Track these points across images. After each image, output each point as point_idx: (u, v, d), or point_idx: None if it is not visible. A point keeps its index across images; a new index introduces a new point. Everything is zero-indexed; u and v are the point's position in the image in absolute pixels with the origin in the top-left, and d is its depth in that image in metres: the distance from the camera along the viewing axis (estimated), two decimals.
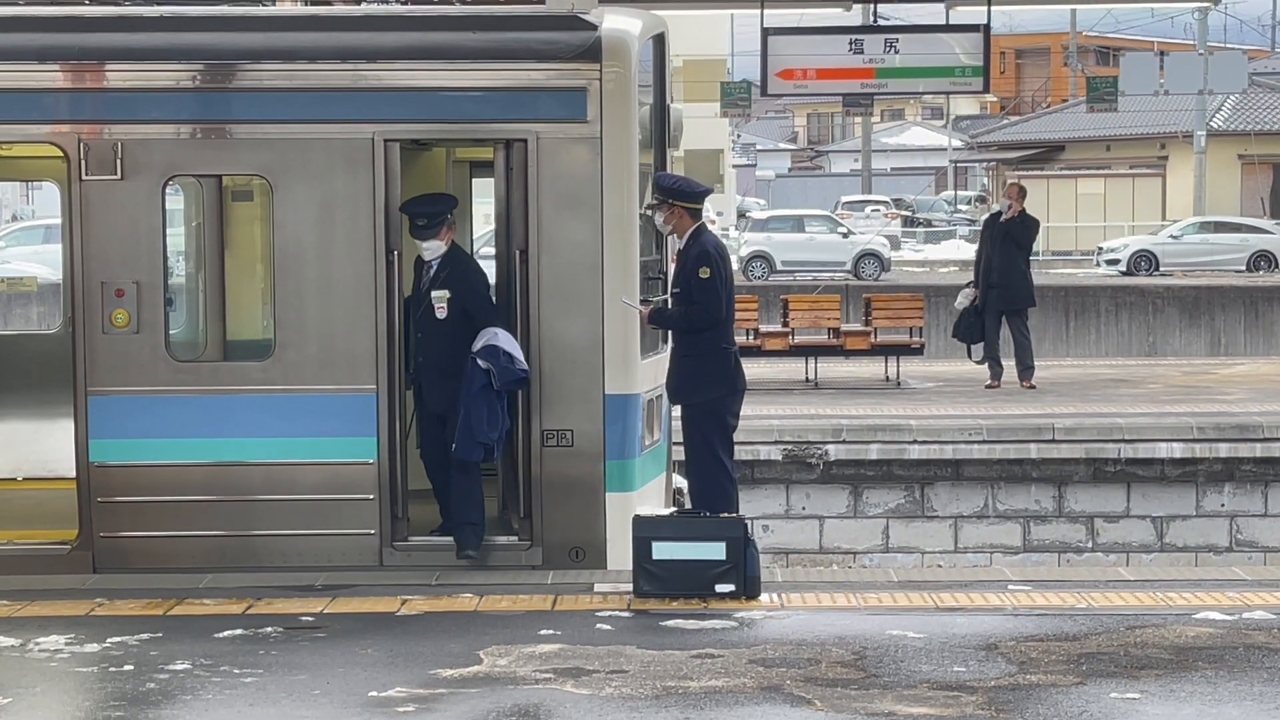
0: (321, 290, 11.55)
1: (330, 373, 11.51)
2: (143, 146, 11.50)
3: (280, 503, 11.51)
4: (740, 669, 8.99)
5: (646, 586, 10.56)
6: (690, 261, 11.47)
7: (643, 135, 11.87)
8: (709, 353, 11.44)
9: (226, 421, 11.49)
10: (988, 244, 21.35)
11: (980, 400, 20.18)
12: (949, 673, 8.90)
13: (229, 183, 12.68)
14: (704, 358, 11.44)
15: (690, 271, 11.44)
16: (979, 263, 21.52)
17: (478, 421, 11.10)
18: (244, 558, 11.49)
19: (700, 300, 11.38)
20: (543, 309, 11.46)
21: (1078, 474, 18.06)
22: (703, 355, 11.44)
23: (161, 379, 11.53)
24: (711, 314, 11.42)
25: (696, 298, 11.39)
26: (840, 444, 17.95)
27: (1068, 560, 17.87)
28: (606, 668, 9.02)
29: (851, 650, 9.37)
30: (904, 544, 18.12)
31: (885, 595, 10.74)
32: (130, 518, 11.51)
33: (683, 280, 11.49)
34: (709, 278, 11.38)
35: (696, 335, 11.44)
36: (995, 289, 21.11)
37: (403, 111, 11.52)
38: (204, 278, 12.96)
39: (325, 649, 9.52)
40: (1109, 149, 65.07)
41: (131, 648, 9.56)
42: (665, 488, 12.69)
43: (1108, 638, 9.61)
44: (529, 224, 11.49)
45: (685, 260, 11.49)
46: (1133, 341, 33.22)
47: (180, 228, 13.21)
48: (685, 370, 11.45)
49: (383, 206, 11.47)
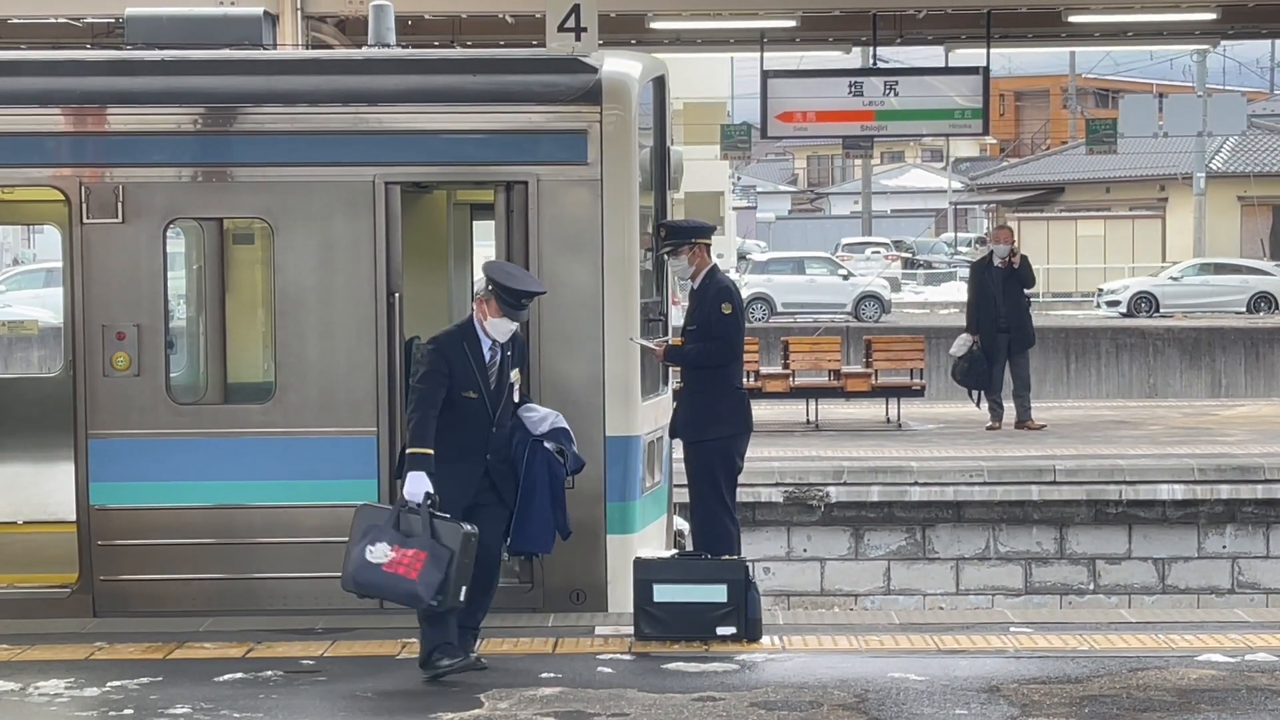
0: (322, 333, 11.55)
1: (331, 415, 11.50)
2: (144, 190, 11.52)
3: (280, 545, 11.49)
4: (741, 712, 8.96)
5: (648, 629, 10.54)
6: (711, 296, 11.43)
7: (643, 177, 11.89)
8: (721, 391, 11.39)
9: (227, 464, 11.48)
10: (990, 288, 21.13)
11: (981, 442, 20.16)
12: (951, 715, 8.87)
13: (230, 225, 12.70)
14: (716, 395, 11.39)
15: (712, 306, 11.39)
16: (975, 308, 21.29)
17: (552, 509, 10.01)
18: (244, 601, 11.47)
19: (721, 335, 11.34)
20: (543, 350, 11.46)
21: (1079, 516, 18.04)
22: (715, 393, 11.38)
23: (162, 422, 11.52)
24: (733, 349, 11.37)
25: (717, 333, 11.33)
26: (841, 486, 17.93)
27: (1069, 602, 17.84)
28: (608, 711, 8.99)
29: (853, 693, 9.34)
30: (905, 586, 18.08)
31: (887, 637, 10.71)
32: (131, 561, 11.49)
33: (700, 316, 11.42)
34: (731, 314, 11.36)
35: (710, 373, 11.38)
36: (1005, 333, 21.00)
37: (404, 154, 11.54)
38: (205, 320, 12.97)
39: (325, 692, 9.49)
40: (1109, 190, 65.16)
41: (132, 692, 9.53)
42: (666, 530, 12.67)
43: (1110, 680, 9.59)
44: (530, 266, 11.49)
45: (704, 296, 11.45)
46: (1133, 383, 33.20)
47: (181, 271, 13.22)
48: (697, 408, 11.36)
49: (384, 249, 11.47)
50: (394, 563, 9.10)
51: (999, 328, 20.99)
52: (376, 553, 9.14)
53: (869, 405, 22.95)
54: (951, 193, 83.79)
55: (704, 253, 11.58)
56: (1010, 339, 21.04)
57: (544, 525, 9.97)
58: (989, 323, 20.99)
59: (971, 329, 21.11)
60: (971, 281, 21.58)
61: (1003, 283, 21.05)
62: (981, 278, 21.24)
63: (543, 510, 9.95)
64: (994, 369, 21.14)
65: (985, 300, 21.08)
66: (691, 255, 11.52)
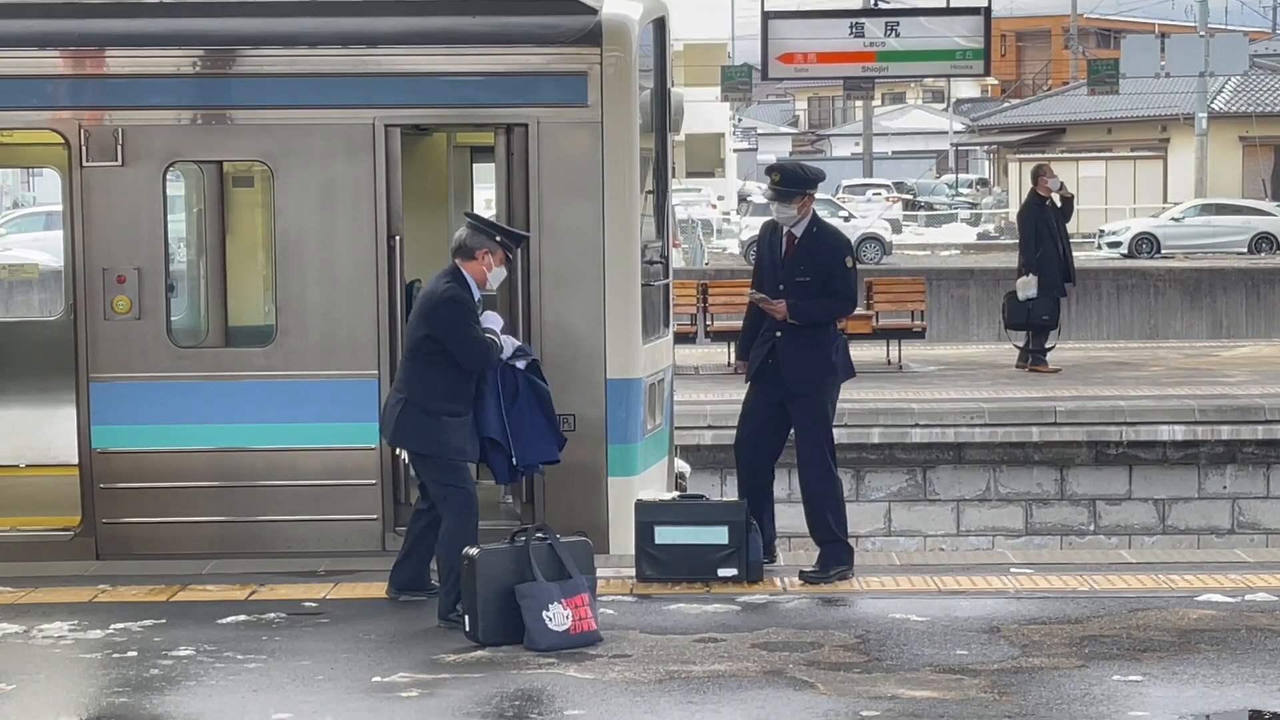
0: (323, 276, 11.54)
1: (332, 358, 11.51)
2: (143, 133, 11.49)
3: (282, 488, 11.52)
4: (743, 653, 8.99)
5: (649, 571, 10.57)
6: (830, 248, 10.94)
7: (644, 120, 11.86)
8: (832, 340, 10.96)
9: (228, 407, 11.50)
10: (1053, 226, 20.81)
11: (982, 384, 20.17)
12: (951, 656, 8.91)
13: (230, 169, 12.68)
14: (828, 345, 10.89)
15: (832, 259, 10.87)
16: (1033, 247, 20.77)
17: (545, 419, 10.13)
18: (247, 544, 11.50)
19: (843, 290, 10.87)
20: (544, 293, 11.45)
21: (1079, 457, 18.06)
22: (827, 343, 10.88)
23: (163, 365, 11.53)
24: (854, 302, 11.00)
25: (839, 286, 10.82)
26: (842, 427, 17.88)
27: (1070, 543, 17.88)
28: (609, 652, 9.03)
29: (854, 634, 9.37)
30: (906, 527, 18.12)
31: (888, 579, 10.74)
32: (133, 504, 11.52)
33: (816, 268, 10.87)
34: (852, 266, 10.96)
35: (822, 325, 10.98)
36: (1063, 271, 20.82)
37: (404, 97, 11.51)
38: (205, 264, 12.96)
39: (328, 634, 9.53)
40: (1110, 131, 65.00)
41: (135, 634, 9.57)
42: (667, 472, 12.69)
43: (1110, 620, 9.62)
44: (530, 209, 11.48)
45: (817, 246, 10.91)
46: (1134, 324, 33.22)
47: (181, 214, 13.21)
48: (812, 359, 10.84)
49: (384, 192, 11.46)
50: (575, 623, 9.11)
51: (1066, 265, 20.81)
52: (555, 619, 9.14)
53: (870, 347, 22.96)
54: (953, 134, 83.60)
55: (811, 201, 11.12)
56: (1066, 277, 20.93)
57: (540, 435, 10.03)
58: (1053, 260, 20.74)
59: (1031, 268, 20.77)
60: (1029, 221, 21.02)
61: (1058, 221, 20.87)
62: (1040, 216, 20.88)
63: (535, 422, 10.00)
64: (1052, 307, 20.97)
65: (1049, 238, 20.75)
66: (802, 205, 10.94)
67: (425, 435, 9.77)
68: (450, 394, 9.77)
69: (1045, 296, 20.67)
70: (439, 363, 9.74)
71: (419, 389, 9.77)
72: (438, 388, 9.74)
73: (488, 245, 9.87)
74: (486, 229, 9.96)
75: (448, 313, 9.71)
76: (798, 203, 10.91)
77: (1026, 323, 21.09)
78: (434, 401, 9.73)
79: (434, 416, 9.73)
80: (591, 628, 9.21)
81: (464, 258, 9.87)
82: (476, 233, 9.89)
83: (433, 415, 9.72)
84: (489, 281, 9.95)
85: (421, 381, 9.78)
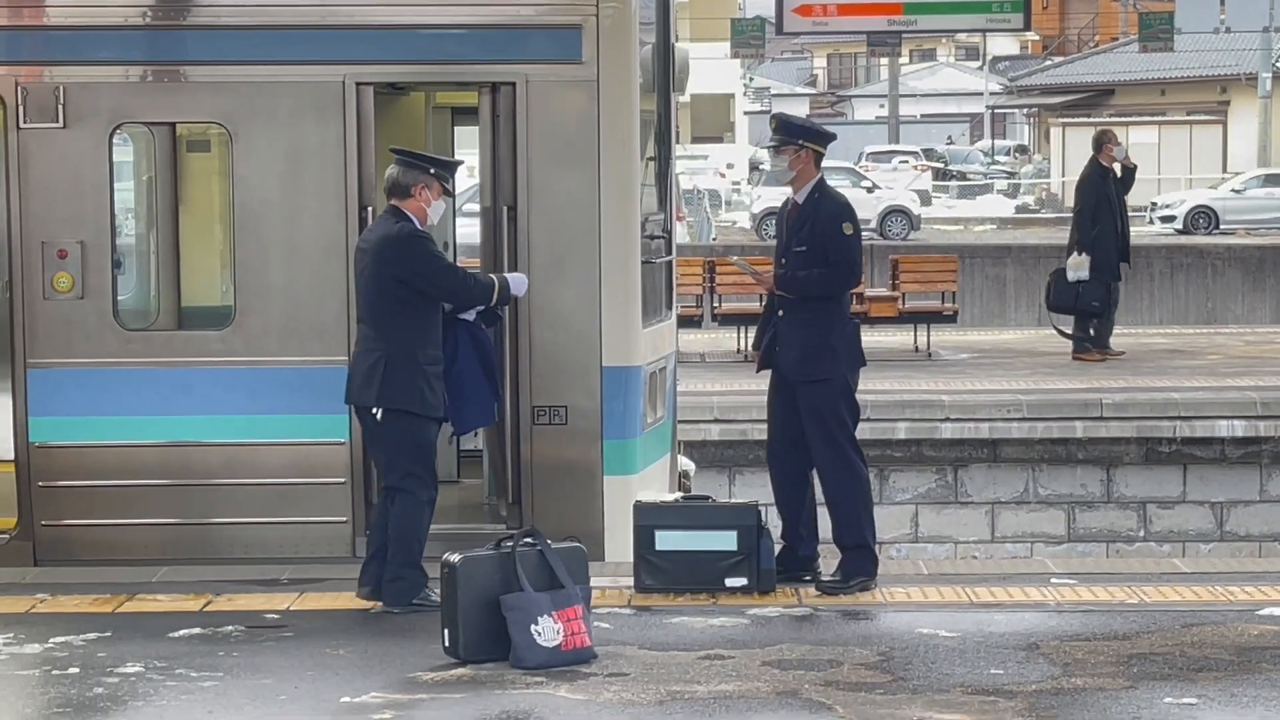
0: (287, 251, 11.55)
1: (297, 343, 11.52)
2: (88, 91, 11.49)
3: (241, 487, 11.53)
4: (753, 671, 9.01)
5: (649, 580, 10.58)
6: (826, 214, 10.91)
7: (644, 78, 11.86)
8: (835, 322, 10.89)
9: (181, 397, 11.51)
10: (1115, 199, 20.75)
11: (1020, 373, 20.20)
12: (985, 675, 8.92)
13: (184, 131, 12.68)
14: (830, 328, 10.81)
15: (828, 226, 10.87)
16: (1090, 222, 20.75)
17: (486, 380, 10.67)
18: (201, 548, 11.51)
19: (840, 259, 10.81)
20: (533, 272, 11.45)
21: (1128, 455, 18.09)
22: (829, 325, 10.82)
23: (109, 350, 11.53)
24: (854, 274, 10.88)
25: (835, 257, 10.81)
26: (864, 422, 17.87)
27: (1117, 551, 17.91)
28: (604, 670, 9.04)
29: (877, 651, 9.39)
30: (935, 533, 18.15)
31: (914, 590, 10.76)
32: (75, 504, 11.53)
33: (812, 236, 10.89)
34: (852, 235, 10.92)
35: (821, 303, 10.89)
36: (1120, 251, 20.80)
37: (377, 52, 11.51)
38: (156, 237, 12.96)
39: (292, 650, 9.54)
40: (1164, 93, 65.03)
41: (77, 648, 9.57)
42: (670, 471, 12.71)
43: (1161, 637, 9.63)
44: (518, 177, 11.49)
45: (814, 213, 10.91)
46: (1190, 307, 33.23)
47: (129, 181, 13.21)
48: (810, 342, 10.83)
49: (355, 158, 11.46)
50: (566, 638, 9.15)
51: (1124, 244, 20.78)
52: (545, 634, 9.16)
53: (896, 332, 22.98)
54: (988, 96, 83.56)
55: (811, 161, 11.04)
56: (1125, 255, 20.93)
57: (479, 396, 10.48)
58: (1110, 240, 20.68)
59: (1085, 247, 20.75)
60: (1089, 193, 20.92)
61: (1119, 193, 20.82)
62: (1103, 189, 20.81)
63: (476, 384, 10.45)
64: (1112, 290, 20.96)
65: (1109, 215, 20.72)
66: (795, 159, 10.92)
67: (415, 392, 10.11)
68: (431, 339, 10.17)
69: (1096, 280, 20.63)
70: (413, 308, 10.09)
71: (400, 340, 10.09)
72: (419, 335, 10.10)
73: (422, 179, 10.25)
74: (417, 162, 10.34)
75: (410, 248, 10.10)
76: (789, 154, 10.96)
77: (1074, 307, 21.06)
78: (418, 349, 10.11)
79: (420, 368, 10.10)
80: (585, 643, 9.22)
81: (400, 197, 10.25)
82: (408, 168, 10.28)
83: (418, 365, 10.10)
84: (430, 217, 10.28)
85: (402, 331, 10.09)
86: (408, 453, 10.18)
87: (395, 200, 10.26)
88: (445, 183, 10.41)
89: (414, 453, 10.19)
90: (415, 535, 10.22)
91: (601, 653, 9.28)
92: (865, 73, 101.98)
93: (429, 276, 10.11)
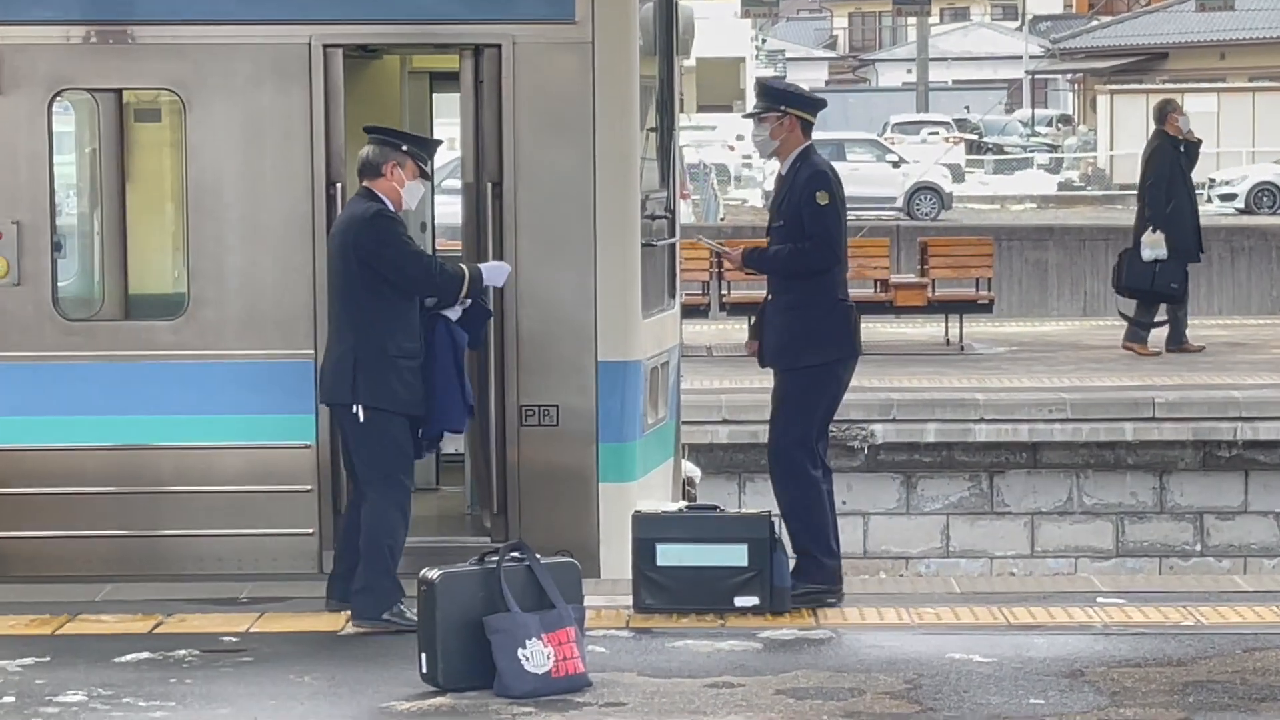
0: (246, 232, 11.56)
1: (257, 335, 11.52)
2: (24, 54, 11.49)
3: (195, 496, 11.54)
4: (765, 701, 9.02)
5: (650, 599, 10.59)
6: (803, 184, 10.88)
7: (644, 40, 11.86)
8: (820, 304, 10.87)
9: (129, 395, 11.52)
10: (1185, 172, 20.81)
11: (1063, 369, 20.20)
12: (1024, 706, 8.93)
13: (131, 99, 12.67)
14: (814, 310, 10.84)
15: (804, 196, 10.85)
16: (1164, 198, 20.77)
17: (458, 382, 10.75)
18: (151, 564, 11.52)
19: (815, 233, 10.79)
20: (521, 256, 11.46)
21: (1184, 460, 18.10)
22: (812, 307, 10.83)
23: (48, 342, 11.54)
24: (832, 248, 10.82)
25: (811, 230, 10.80)
26: (890, 423, 17.98)
27: (1170, 567, 17.92)
28: (600, 699, 9.05)
29: (904, 678, 9.40)
30: (968, 547, 18.16)
31: (945, 610, 10.77)
32: (10, 514, 11.53)
33: (790, 209, 10.89)
34: (828, 204, 10.84)
35: (804, 282, 10.90)
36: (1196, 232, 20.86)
37: (346, 10, 11.53)
38: (101, 217, 12.95)
39: (251, 676, 9.54)
40: (1223, 57, 65.07)
41: (12, 675, 9.58)
42: (673, 477, 12.71)
43: (1220, 662, 9.64)
44: (503, 150, 11.49)
45: (794, 183, 10.91)
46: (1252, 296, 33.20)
47: (71, 155, 13.20)
48: (792, 326, 10.87)
49: (322, 129, 11.46)
50: (558, 663, 9.16)
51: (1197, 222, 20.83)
52: (534, 659, 9.18)
53: (925, 323, 22.98)
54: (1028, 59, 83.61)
55: (798, 129, 10.99)
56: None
57: (451, 399, 10.55)
58: (1186, 216, 20.73)
59: (1159, 224, 20.77)
60: (1160, 166, 20.94)
61: (1187, 166, 20.87)
62: (1174, 160, 20.82)
63: (449, 388, 10.51)
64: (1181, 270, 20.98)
65: (1183, 189, 20.79)
66: (778, 127, 10.93)
67: (385, 387, 10.23)
68: (404, 329, 10.28)
69: (1174, 261, 20.66)
70: (384, 296, 10.23)
71: (368, 331, 10.23)
72: (391, 326, 10.23)
73: (394, 158, 10.38)
74: (390, 139, 10.48)
75: (374, 231, 10.24)
76: (771, 122, 10.97)
77: (1150, 289, 21.05)
78: (389, 342, 10.24)
79: (391, 361, 10.23)
80: (578, 669, 9.24)
81: (371, 176, 10.42)
82: (380, 145, 10.43)
83: (390, 359, 10.24)
84: (405, 200, 10.43)
85: (368, 322, 10.24)
86: (387, 453, 10.28)
87: (367, 180, 10.40)
88: (421, 163, 10.50)
89: (393, 453, 10.29)
90: (390, 542, 10.30)
91: (596, 680, 9.29)
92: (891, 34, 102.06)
93: (393, 262, 10.23)
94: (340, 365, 10.30)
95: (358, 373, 10.23)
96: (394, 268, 10.24)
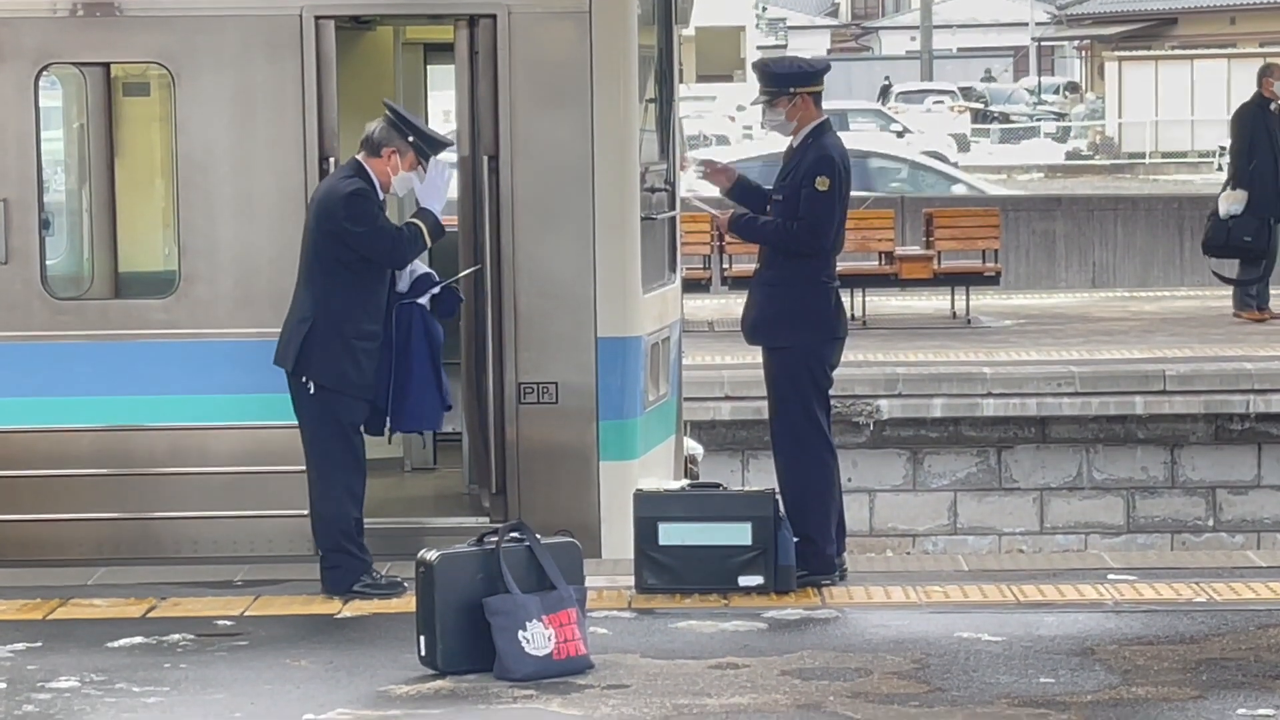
0: (238, 208, 11.57)
1: (250, 313, 11.53)
2: (9, 27, 11.49)
3: (188, 477, 11.55)
4: (771, 682, 9.03)
5: (652, 579, 10.60)
6: (808, 165, 10.86)
7: (643, 9, 11.85)
8: (806, 284, 10.84)
9: (119, 375, 11.52)
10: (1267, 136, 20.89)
11: (1072, 342, 20.19)
12: (1034, 685, 8.94)
13: (120, 73, 12.67)
14: (799, 290, 10.80)
15: (806, 177, 10.83)
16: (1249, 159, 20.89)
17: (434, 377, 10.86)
18: (144, 547, 11.53)
19: (808, 216, 10.77)
20: (518, 230, 11.46)
21: (1195, 434, 18.08)
22: (798, 286, 10.80)
23: (37, 322, 11.55)
24: (818, 236, 10.80)
25: (804, 211, 10.79)
26: (895, 398, 17.96)
27: (1183, 543, 17.91)
28: (602, 682, 9.06)
29: (911, 658, 9.41)
30: (976, 523, 18.15)
31: (953, 588, 10.78)
32: (1, 497, 11.53)
33: (791, 186, 10.88)
34: (826, 191, 10.80)
35: (791, 260, 10.92)
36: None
37: None
38: (89, 194, 12.95)
39: (247, 660, 9.56)
40: (1234, 22, 64.99)
41: (4, 661, 9.59)
42: (675, 455, 12.72)
43: (1234, 640, 9.65)
44: (500, 122, 11.49)
45: (801, 160, 10.89)
46: None
47: (59, 130, 13.20)
48: (774, 302, 10.89)
49: (315, 102, 11.46)
50: (559, 645, 9.17)
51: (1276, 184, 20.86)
52: (534, 641, 9.18)
53: (930, 296, 22.97)
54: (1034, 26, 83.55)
55: (810, 104, 10.98)
56: None
57: (428, 398, 10.66)
58: (1269, 177, 20.80)
59: (1242, 183, 20.86)
60: (1245, 124, 21.13)
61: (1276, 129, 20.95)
62: (1262, 121, 20.92)
63: (424, 381, 10.62)
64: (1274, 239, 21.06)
65: (1267, 149, 20.86)
66: (792, 109, 10.89)
67: (333, 366, 10.39)
68: (366, 311, 10.42)
69: (1251, 215, 20.78)
70: (350, 273, 10.37)
71: (327, 306, 10.40)
72: (348, 303, 10.37)
73: (397, 144, 10.48)
74: (400, 125, 10.53)
75: (348, 208, 10.35)
76: (784, 106, 10.96)
77: (1226, 244, 21.14)
78: (346, 322, 10.39)
79: (345, 341, 10.37)
80: (579, 651, 9.25)
81: (370, 152, 10.52)
82: (389, 127, 10.51)
83: (344, 339, 10.37)
84: (394, 186, 10.56)
85: (329, 296, 10.40)
86: (328, 430, 10.49)
87: (364, 155, 10.48)
88: (422, 157, 10.55)
89: (333, 431, 10.49)
90: (338, 520, 10.53)
91: (598, 662, 9.30)
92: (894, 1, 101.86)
93: (362, 239, 10.36)
94: (294, 334, 10.50)
95: (310, 346, 10.41)
96: (364, 245, 10.38)
